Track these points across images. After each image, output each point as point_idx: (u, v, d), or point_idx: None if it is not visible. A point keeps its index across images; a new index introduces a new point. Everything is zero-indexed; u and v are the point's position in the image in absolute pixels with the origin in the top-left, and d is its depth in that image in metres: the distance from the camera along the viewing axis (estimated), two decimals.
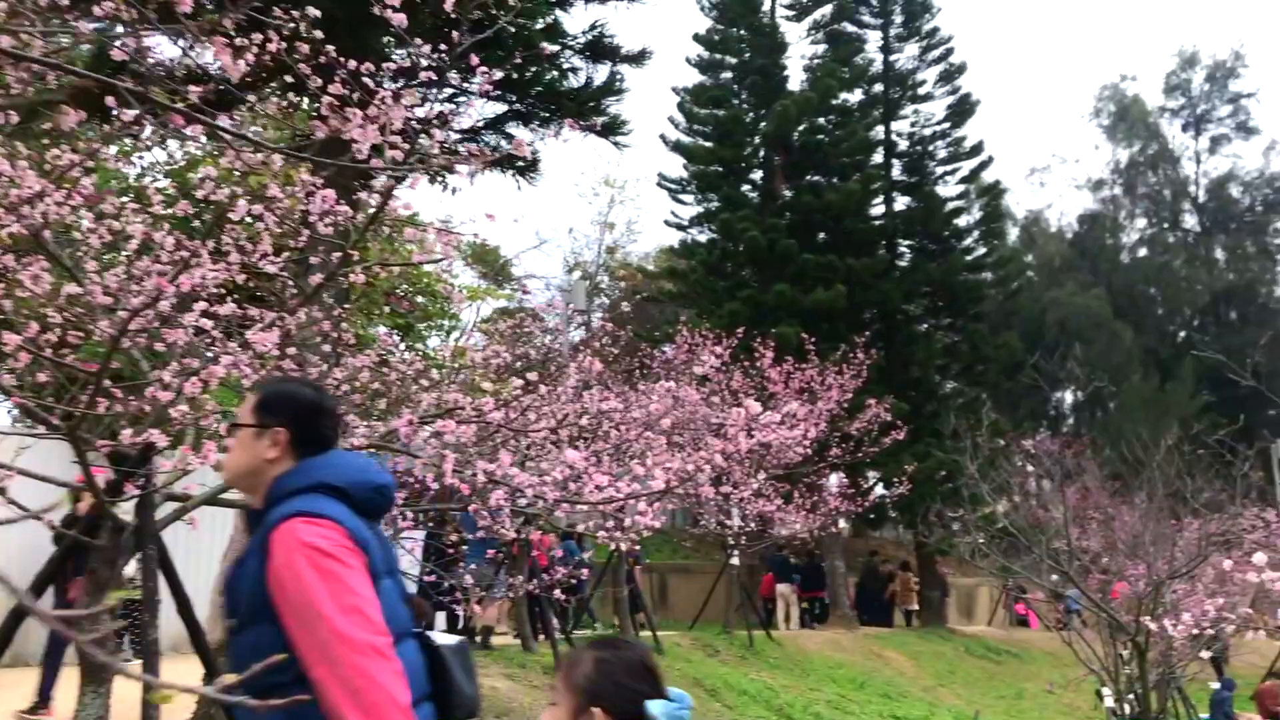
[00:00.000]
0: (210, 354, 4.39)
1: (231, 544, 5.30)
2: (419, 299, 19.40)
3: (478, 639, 11.34)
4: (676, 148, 26.36)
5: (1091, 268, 41.57)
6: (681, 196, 27.42)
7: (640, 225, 38.02)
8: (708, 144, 26.06)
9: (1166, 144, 45.49)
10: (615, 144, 9.45)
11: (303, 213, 5.15)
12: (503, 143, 8.71)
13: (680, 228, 27.56)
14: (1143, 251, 44.30)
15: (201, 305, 4.44)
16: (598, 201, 38.98)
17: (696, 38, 26.74)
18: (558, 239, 46.47)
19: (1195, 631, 7.35)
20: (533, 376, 5.16)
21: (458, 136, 8.10)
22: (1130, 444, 16.30)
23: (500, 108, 8.97)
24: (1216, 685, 13.64)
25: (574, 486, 4.86)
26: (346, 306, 6.44)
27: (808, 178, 25.81)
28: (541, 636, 11.49)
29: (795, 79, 26.90)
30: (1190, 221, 45.21)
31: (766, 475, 14.69)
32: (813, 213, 24.85)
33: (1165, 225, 45.08)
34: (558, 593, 10.46)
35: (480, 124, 8.84)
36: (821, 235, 25.34)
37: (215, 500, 4.77)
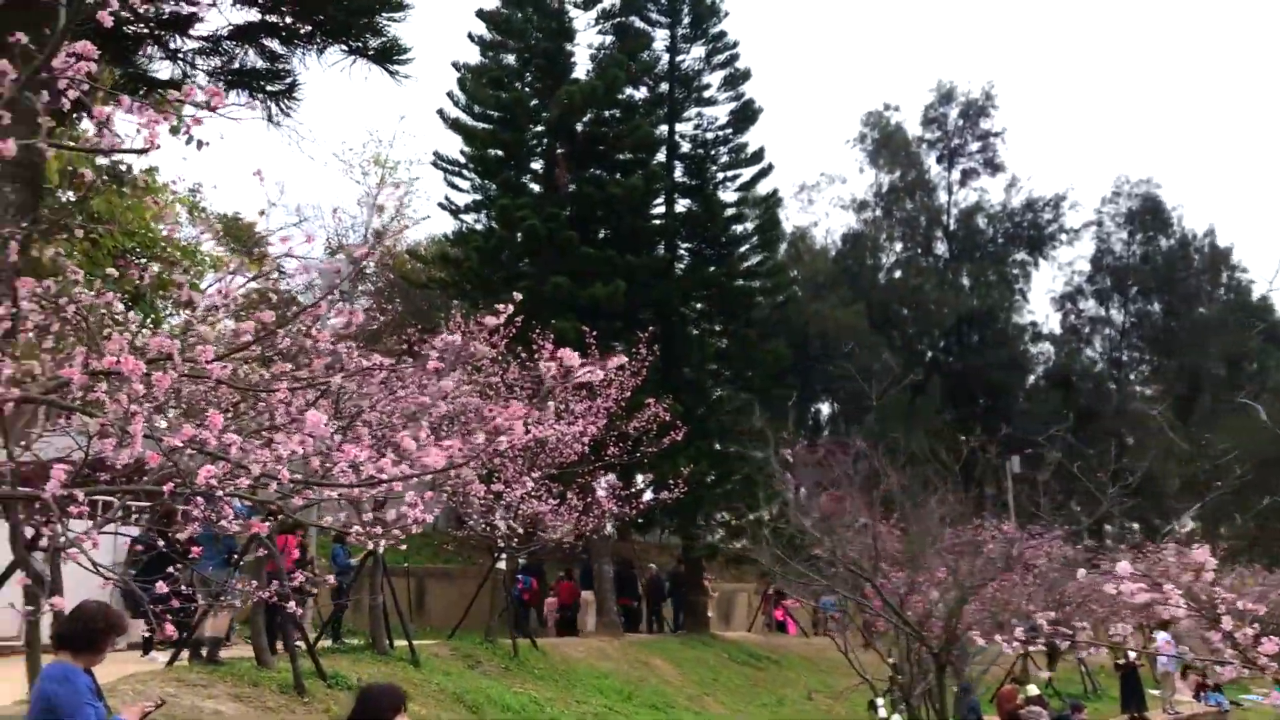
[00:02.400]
0: None
1: None
2: (154, 265, 17.13)
3: (203, 652, 9.70)
4: (455, 126, 24.95)
5: (853, 285, 43.20)
6: (458, 181, 26.05)
7: (413, 210, 35.98)
8: (488, 126, 24.81)
9: (924, 173, 48.04)
10: (392, 74, 8.09)
11: None
12: (252, 58, 7.23)
13: (455, 213, 26.15)
14: (898, 273, 46.51)
15: None
16: (366, 182, 36.54)
17: (481, 14, 25.43)
18: (320, 220, 43.57)
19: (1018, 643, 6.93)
20: (268, 316, 3.89)
21: (193, 46, 6.61)
22: (886, 454, 16.56)
23: (251, 15, 7.44)
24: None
25: (318, 466, 3.63)
26: (31, 227, 4.86)
27: (590, 170, 25.07)
28: (280, 650, 9.97)
29: (582, 69, 26.12)
30: (941, 248, 47.94)
31: (541, 474, 13.70)
32: (594, 206, 24.15)
33: (919, 250, 47.59)
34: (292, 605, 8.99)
35: (224, 31, 7.32)
36: (602, 231, 24.71)
37: None
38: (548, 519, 15.02)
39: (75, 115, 5.69)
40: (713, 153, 27.40)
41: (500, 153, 24.83)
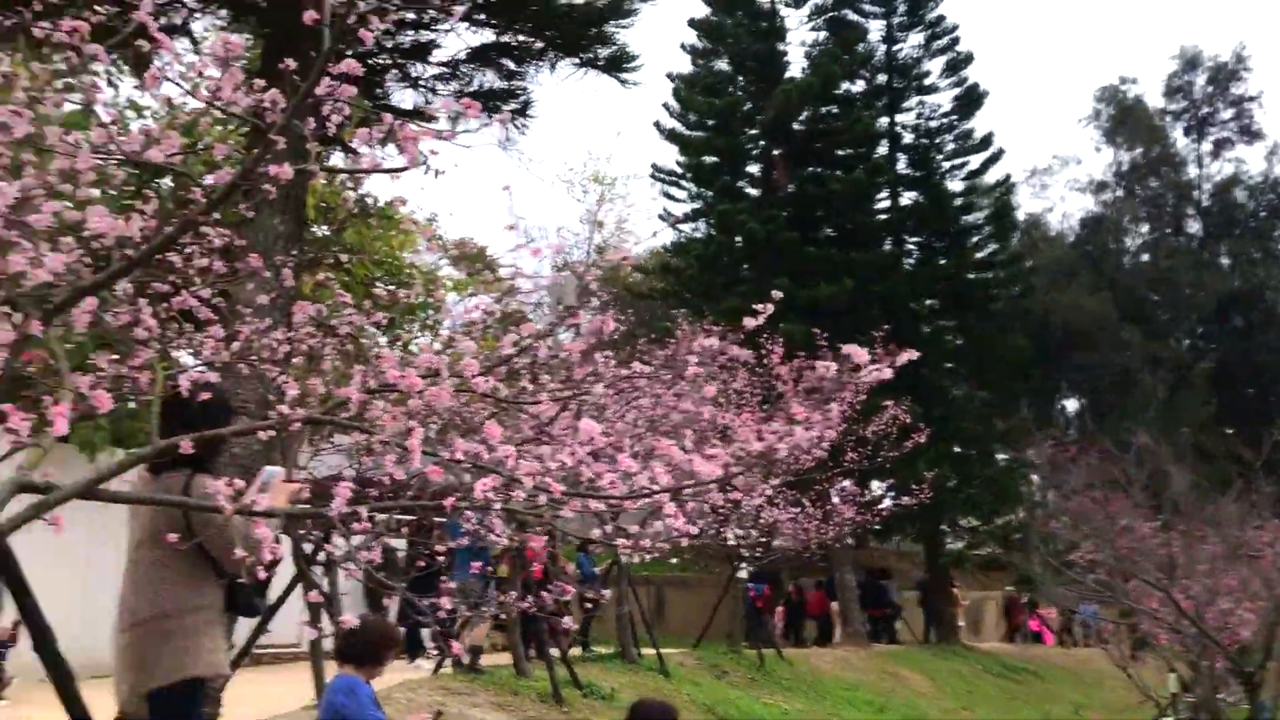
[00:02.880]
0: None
1: (132, 556, 3.92)
2: (400, 291, 18.08)
3: (464, 661, 9.98)
4: (671, 137, 25.09)
5: (1095, 271, 40.44)
6: (675, 192, 26.24)
7: (631, 224, 36.60)
8: (703, 133, 24.82)
9: (1169, 147, 44.41)
10: (622, 82, 8.10)
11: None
12: (489, 78, 7.38)
13: (674, 223, 26.34)
14: (1146, 256, 43.21)
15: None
16: (587, 200, 37.55)
17: (692, 23, 25.49)
18: (545, 238, 45.10)
19: None
20: (526, 330, 3.85)
21: (433, 73, 6.79)
22: (1141, 453, 15.18)
23: (486, 36, 7.60)
24: None
25: (592, 474, 3.52)
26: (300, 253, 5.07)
27: (809, 169, 24.61)
28: (536, 659, 10.14)
29: (795, 68, 25.69)
30: (1194, 226, 44.12)
31: (779, 480, 13.41)
32: (815, 205, 23.67)
33: (1169, 230, 44.01)
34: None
35: (461, 55, 7.50)
36: (824, 230, 24.21)
37: (91, 493, 3.42)
38: (785, 527, 14.70)
39: (327, 148, 5.85)
40: (937, 141, 26.39)
41: (716, 159, 24.77)
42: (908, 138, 26.45)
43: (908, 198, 26.11)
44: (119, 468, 3.52)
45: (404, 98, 7.89)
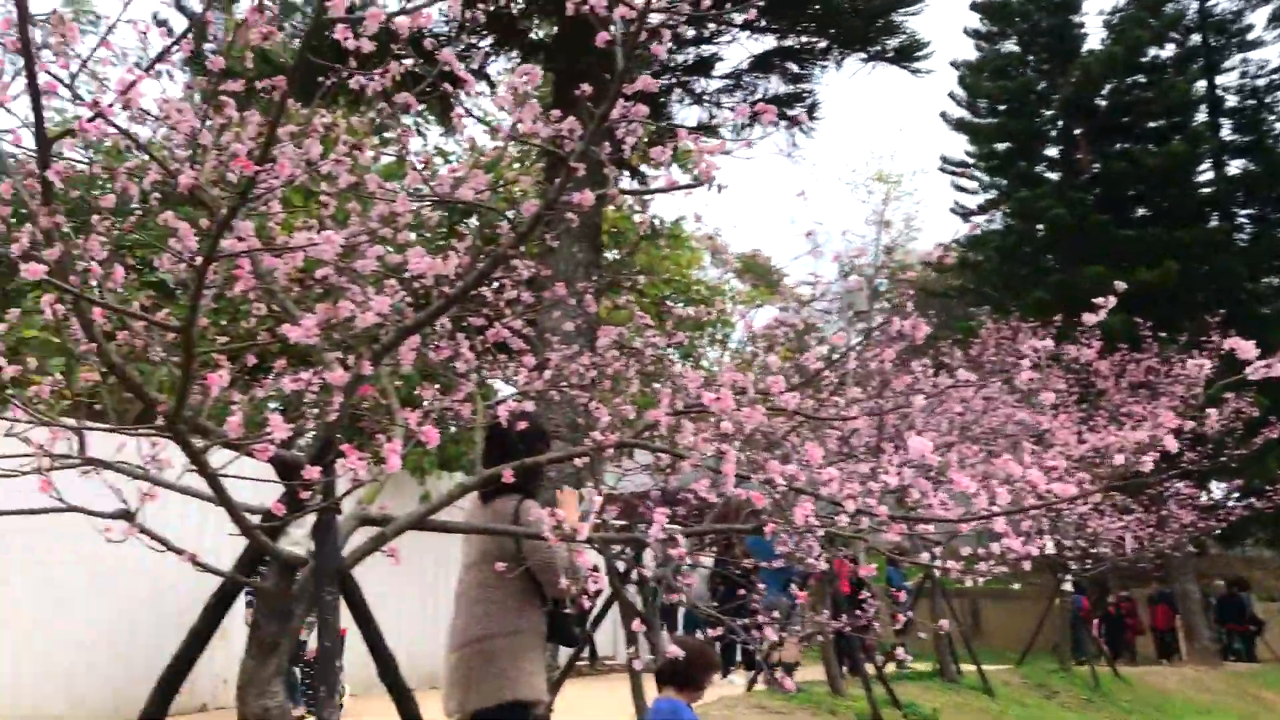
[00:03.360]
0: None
1: (463, 578, 4.05)
2: (690, 309, 18.32)
3: (778, 677, 9.81)
4: (960, 126, 23.97)
5: None
6: (965, 183, 25.02)
7: (919, 221, 35.35)
8: (995, 119, 23.51)
9: None
10: (913, 71, 7.70)
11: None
12: (774, 84, 7.22)
13: (965, 215, 25.14)
14: None
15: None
16: (871, 200, 36.70)
17: (975, 6, 24.24)
18: (830, 243, 44.45)
19: None
20: (830, 344, 3.63)
21: (716, 86, 6.71)
22: None
23: (768, 42, 7.46)
24: None
25: (919, 493, 3.25)
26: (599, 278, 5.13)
27: (1115, 145, 22.67)
28: (851, 676, 9.81)
29: (1093, 40, 23.83)
30: None
31: (1107, 485, 12.30)
32: (1125, 184, 21.76)
33: None
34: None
35: (744, 65, 7.39)
36: (1138, 209, 22.21)
37: (425, 523, 3.54)
38: (1114, 534, 13.47)
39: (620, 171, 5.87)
40: (1267, 101, 23.53)
41: (1010, 145, 23.39)
42: (1231, 101, 23.79)
43: (1235, 166, 23.49)
44: (448, 498, 3.63)
45: (687, 115, 7.95)
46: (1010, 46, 24.35)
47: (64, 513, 2.91)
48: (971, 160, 24.40)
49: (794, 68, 7.61)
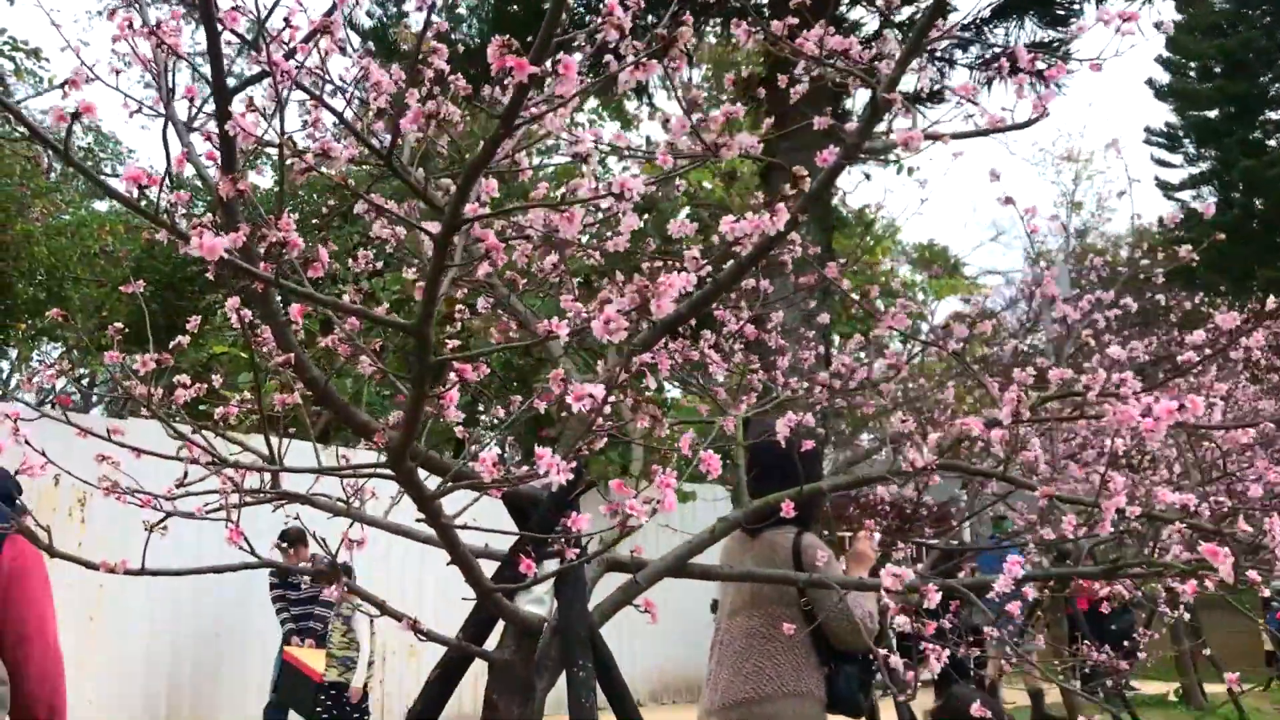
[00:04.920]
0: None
1: (725, 625, 3.29)
2: (877, 301, 17.19)
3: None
4: (1168, 93, 21.93)
5: None
6: (1169, 157, 22.92)
7: (1112, 202, 32.91)
8: (1208, 83, 21.39)
9: None
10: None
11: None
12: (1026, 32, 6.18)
13: (1169, 191, 23.02)
14: None
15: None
16: (1061, 181, 34.44)
17: None
18: (1014, 230, 41.73)
19: None
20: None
21: (947, 44, 5.78)
22: None
23: None
24: None
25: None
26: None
27: None
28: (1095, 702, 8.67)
29: None
30: None
31: None
32: None
33: None
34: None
35: (980, 18, 6.39)
36: None
37: (683, 570, 2.82)
38: None
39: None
40: None
41: (1230, 109, 21.24)
42: None
43: None
44: (711, 537, 2.91)
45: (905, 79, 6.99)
46: (1221, 4, 22.18)
47: (258, 567, 2.33)
48: (1181, 129, 22.32)
49: (1051, 11, 6.54)
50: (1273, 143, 21.28)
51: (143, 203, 1.49)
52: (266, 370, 2.40)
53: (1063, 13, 6.60)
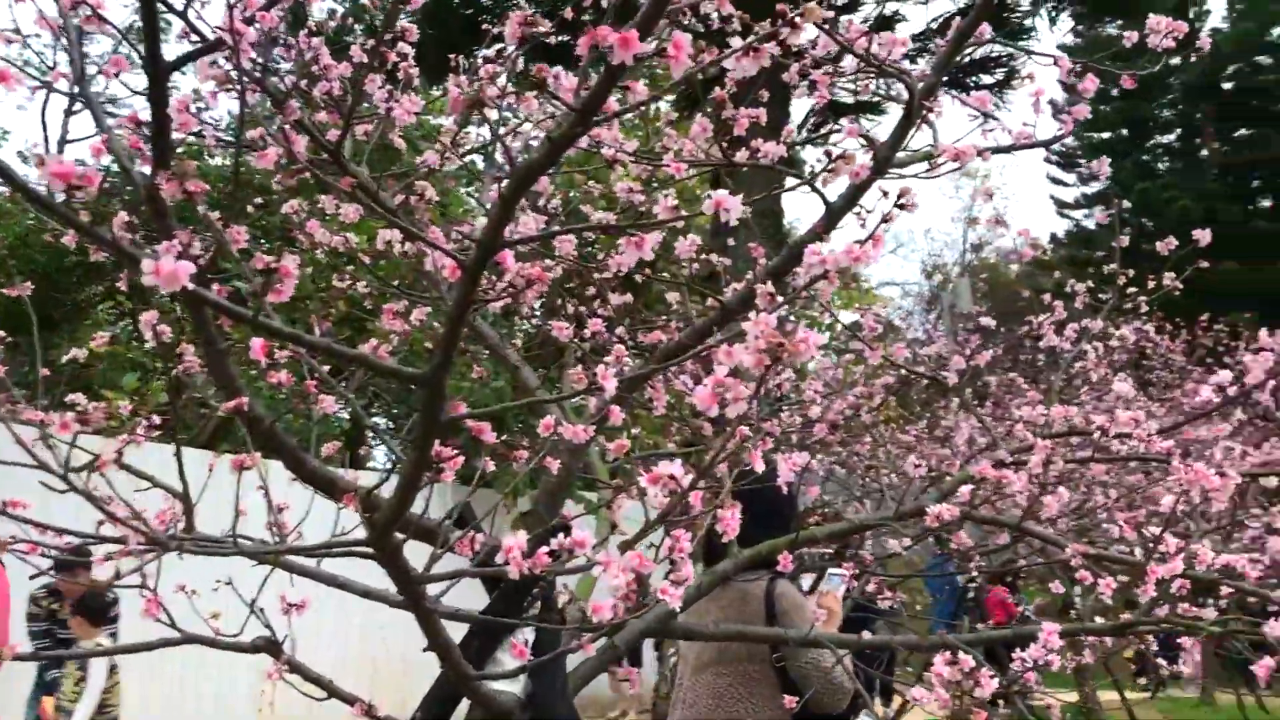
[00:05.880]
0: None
1: (688, 683, 2.96)
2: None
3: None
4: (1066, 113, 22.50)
5: None
6: (1065, 177, 23.64)
7: (1009, 217, 33.82)
8: (1105, 106, 22.03)
9: None
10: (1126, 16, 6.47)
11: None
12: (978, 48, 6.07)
13: (1063, 210, 23.76)
14: None
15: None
16: (959, 196, 35.25)
17: None
18: (912, 243, 42.59)
19: None
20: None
21: (902, 51, 5.61)
22: None
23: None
24: None
25: None
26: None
27: (1241, 131, 21.12)
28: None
29: (1216, 18, 22.24)
30: None
31: None
32: (1257, 171, 20.19)
33: None
34: None
35: (935, 24, 6.23)
36: (1268, 199, 20.65)
37: (665, 630, 2.50)
38: None
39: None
40: None
41: (1125, 132, 21.92)
42: None
43: None
44: (696, 594, 2.60)
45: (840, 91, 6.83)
46: (1111, 30, 22.90)
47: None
48: (1078, 150, 22.96)
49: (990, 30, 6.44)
50: (1161, 165, 22.04)
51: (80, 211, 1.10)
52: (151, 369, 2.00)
53: (1015, 31, 6.56)
